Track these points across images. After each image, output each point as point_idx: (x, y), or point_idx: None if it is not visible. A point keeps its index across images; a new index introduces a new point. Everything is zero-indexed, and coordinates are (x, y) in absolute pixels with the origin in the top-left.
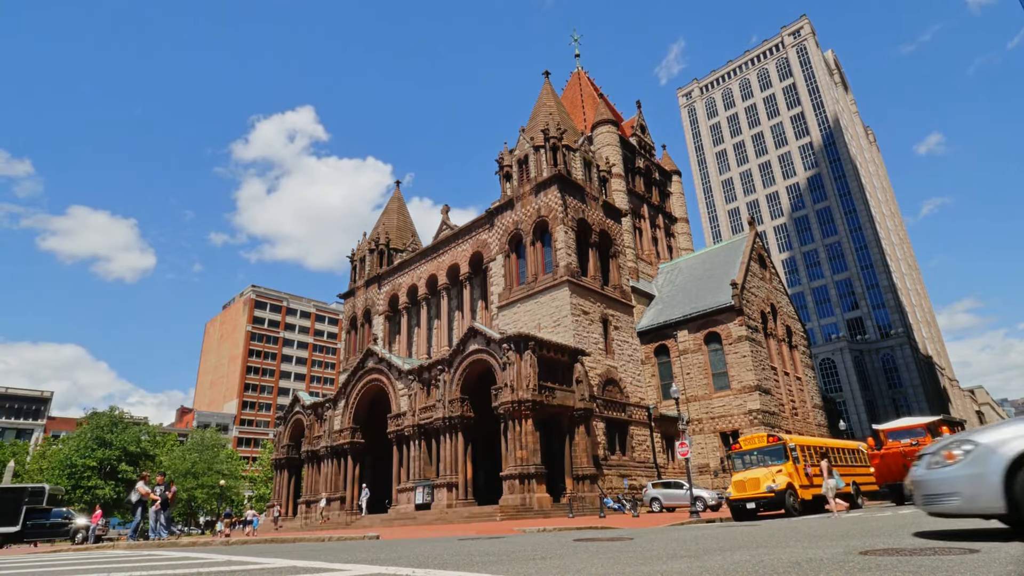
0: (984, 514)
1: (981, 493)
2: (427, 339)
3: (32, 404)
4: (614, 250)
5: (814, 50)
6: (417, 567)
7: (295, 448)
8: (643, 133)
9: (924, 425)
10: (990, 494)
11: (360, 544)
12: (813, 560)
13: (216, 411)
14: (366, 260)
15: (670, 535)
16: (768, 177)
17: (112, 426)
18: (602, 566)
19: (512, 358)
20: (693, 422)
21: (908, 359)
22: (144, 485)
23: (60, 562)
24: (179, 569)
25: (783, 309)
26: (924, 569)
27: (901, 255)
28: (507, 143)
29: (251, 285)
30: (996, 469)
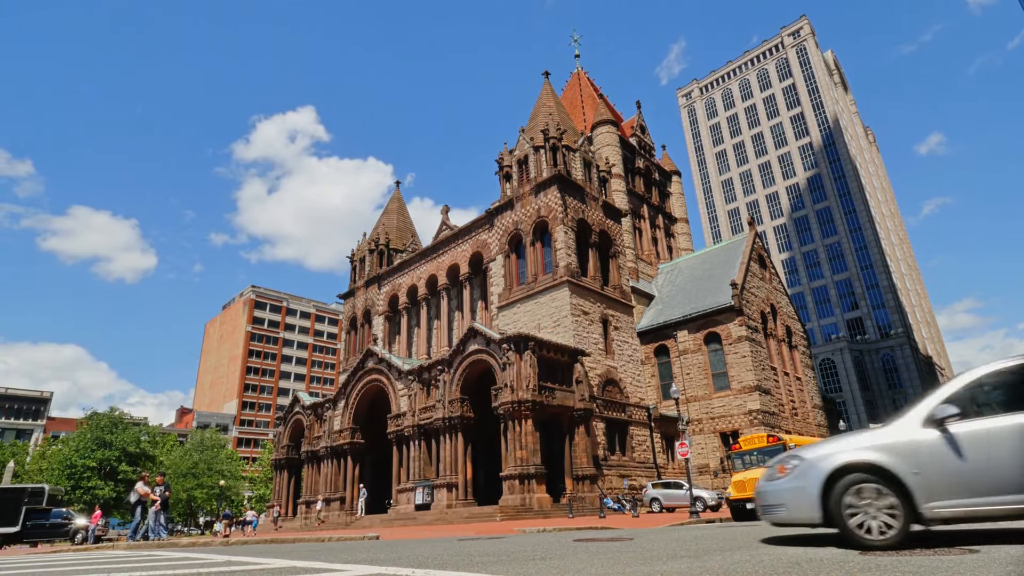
0: (805, 523)
1: (803, 504)
2: (427, 339)
3: (32, 404)
4: (614, 250)
5: (814, 50)
6: (417, 567)
7: (295, 448)
8: (643, 133)
9: None
10: (809, 505)
11: (360, 544)
12: (813, 560)
13: (216, 411)
14: (366, 260)
15: (670, 535)
16: (768, 177)
17: (112, 426)
18: (602, 566)
19: (512, 358)
20: (693, 422)
21: (908, 359)
22: (143, 485)
23: (60, 562)
24: (179, 569)
25: (783, 309)
26: (924, 569)
27: (901, 255)
28: (507, 143)
29: (251, 285)
30: (815, 483)
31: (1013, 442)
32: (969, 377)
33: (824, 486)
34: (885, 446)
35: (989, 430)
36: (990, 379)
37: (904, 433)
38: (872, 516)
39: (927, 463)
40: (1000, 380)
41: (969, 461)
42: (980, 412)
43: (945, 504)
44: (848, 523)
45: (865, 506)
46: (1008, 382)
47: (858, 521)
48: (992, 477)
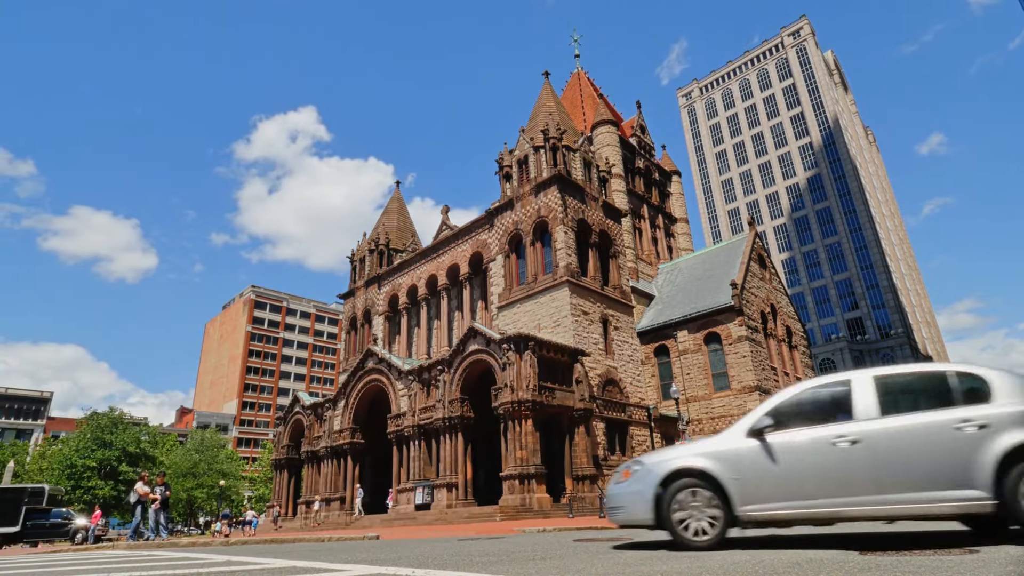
0: (640, 524)
1: (638, 507)
2: (427, 339)
3: (32, 404)
4: (614, 250)
5: (814, 50)
6: (417, 567)
7: (295, 448)
8: (643, 133)
9: None
10: (644, 508)
11: (360, 544)
12: (813, 560)
13: (216, 411)
14: (366, 260)
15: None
16: (768, 177)
17: (112, 426)
18: (602, 566)
19: (512, 358)
20: (693, 422)
21: (908, 359)
22: (143, 485)
23: (60, 562)
24: (179, 569)
25: (783, 309)
26: (924, 569)
27: (901, 255)
28: (507, 143)
29: (251, 285)
30: (649, 487)
31: (812, 452)
32: (788, 393)
33: (657, 490)
34: (714, 453)
35: (794, 441)
36: (806, 396)
37: (731, 442)
38: (696, 518)
39: (746, 470)
40: (811, 396)
41: (780, 469)
42: (793, 425)
43: (758, 508)
44: (674, 525)
45: (691, 509)
46: (816, 398)
47: (684, 523)
48: (798, 483)
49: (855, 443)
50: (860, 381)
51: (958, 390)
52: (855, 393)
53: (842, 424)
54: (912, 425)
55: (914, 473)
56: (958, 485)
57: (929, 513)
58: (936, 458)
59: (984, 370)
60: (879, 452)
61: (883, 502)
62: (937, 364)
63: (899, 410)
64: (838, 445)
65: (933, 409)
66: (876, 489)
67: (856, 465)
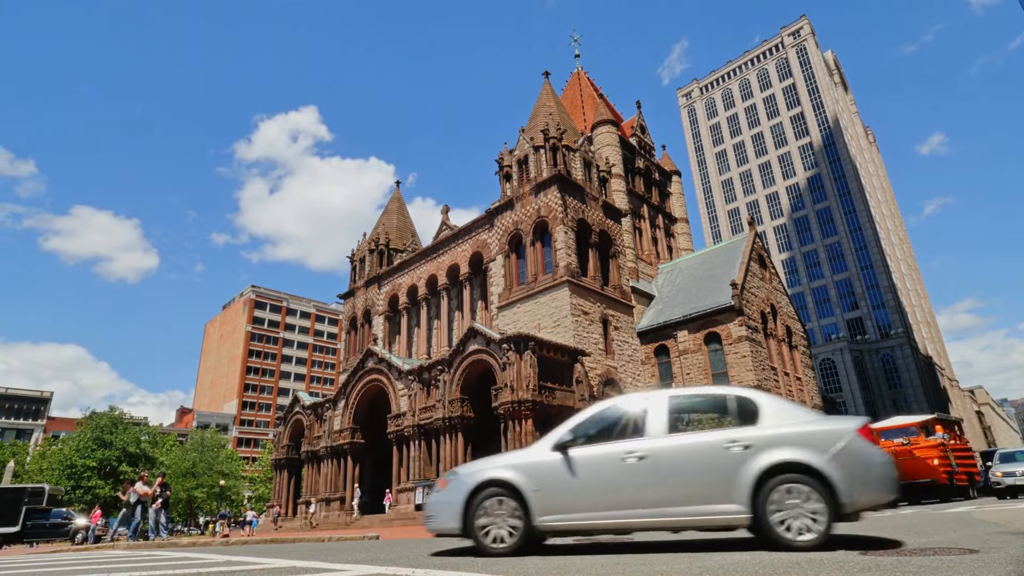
0: (450, 532)
1: (448, 515)
2: (427, 339)
3: (32, 404)
4: (614, 250)
5: (814, 50)
6: (417, 567)
7: (295, 448)
8: (643, 133)
9: (918, 424)
10: (453, 516)
11: (360, 544)
12: (813, 560)
13: (216, 411)
14: (366, 260)
15: (669, 535)
16: (768, 177)
17: (112, 426)
18: (602, 566)
19: (512, 358)
20: None
21: (908, 359)
22: (143, 485)
23: (60, 562)
24: (179, 569)
25: (783, 309)
26: (924, 569)
27: (901, 255)
28: (507, 143)
29: (251, 285)
30: (459, 496)
31: (606, 466)
32: (594, 410)
33: (467, 500)
34: (521, 465)
35: (591, 456)
36: (609, 413)
37: (538, 455)
38: (498, 526)
39: (547, 482)
40: (615, 414)
41: (578, 482)
42: (597, 441)
43: (555, 518)
44: (476, 532)
45: (494, 517)
46: (619, 416)
47: (485, 530)
48: (592, 496)
49: (642, 459)
50: (656, 401)
51: (735, 412)
52: (650, 412)
53: (633, 441)
54: (691, 443)
55: (690, 488)
56: (724, 499)
57: (701, 524)
58: (709, 474)
59: (755, 394)
60: (662, 468)
61: (663, 514)
62: (720, 388)
63: (684, 429)
64: (627, 460)
65: (712, 429)
66: (658, 502)
67: (642, 479)
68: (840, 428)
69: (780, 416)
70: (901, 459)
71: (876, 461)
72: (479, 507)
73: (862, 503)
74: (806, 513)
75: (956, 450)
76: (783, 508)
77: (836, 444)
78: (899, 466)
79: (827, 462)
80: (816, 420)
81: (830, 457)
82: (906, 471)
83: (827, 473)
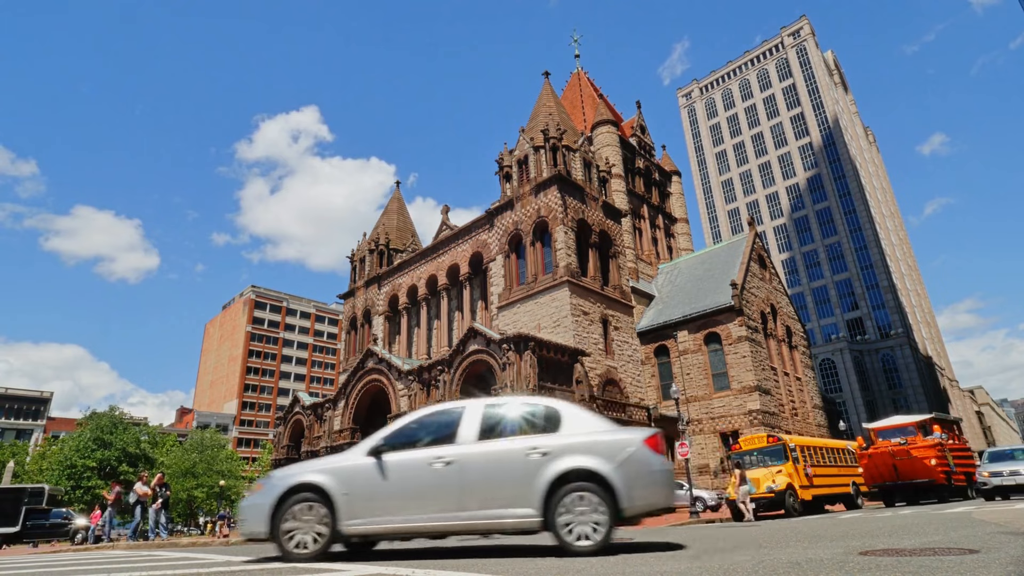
0: (258, 537)
1: (258, 519)
2: (427, 339)
3: (32, 404)
4: (614, 250)
5: (814, 51)
6: (417, 567)
7: (295, 448)
8: (643, 133)
9: (915, 423)
10: (261, 520)
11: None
12: (813, 560)
13: (216, 411)
14: (366, 260)
15: (670, 535)
16: (768, 177)
17: (112, 427)
18: (602, 566)
19: (512, 358)
20: (693, 422)
21: (908, 359)
22: (143, 485)
23: (60, 562)
24: (178, 569)
25: (783, 309)
26: (924, 569)
27: (901, 255)
28: (507, 143)
29: (251, 285)
30: (269, 500)
31: (416, 472)
32: (414, 416)
33: (276, 504)
34: (334, 469)
35: (403, 461)
36: (428, 419)
37: (353, 459)
38: (303, 531)
39: (357, 486)
40: (433, 420)
41: (389, 486)
42: (415, 446)
43: (362, 522)
44: (281, 537)
45: (301, 522)
46: (437, 422)
47: (290, 535)
48: (401, 501)
49: (449, 464)
50: (472, 408)
51: (541, 421)
52: (464, 419)
53: (443, 447)
54: (496, 450)
55: (492, 492)
56: (522, 504)
57: (500, 528)
58: (510, 480)
59: (559, 404)
60: (467, 473)
61: (464, 518)
62: (531, 398)
63: (494, 436)
64: (434, 466)
65: (519, 437)
66: (461, 506)
67: (447, 485)
68: (628, 438)
69: (579, 425)
70: (898, 459)
71: (656, 469)
72: (287, 511)
73: (640, 508)
74: (589, 519)
75: (954, 450)
76: (571, 513)
77: (623, 453)
78: (897, 466)
79: (613, 469)
80: (610, 430)
81: (616, 465)
82: (903, 471)
83: (611, 480)
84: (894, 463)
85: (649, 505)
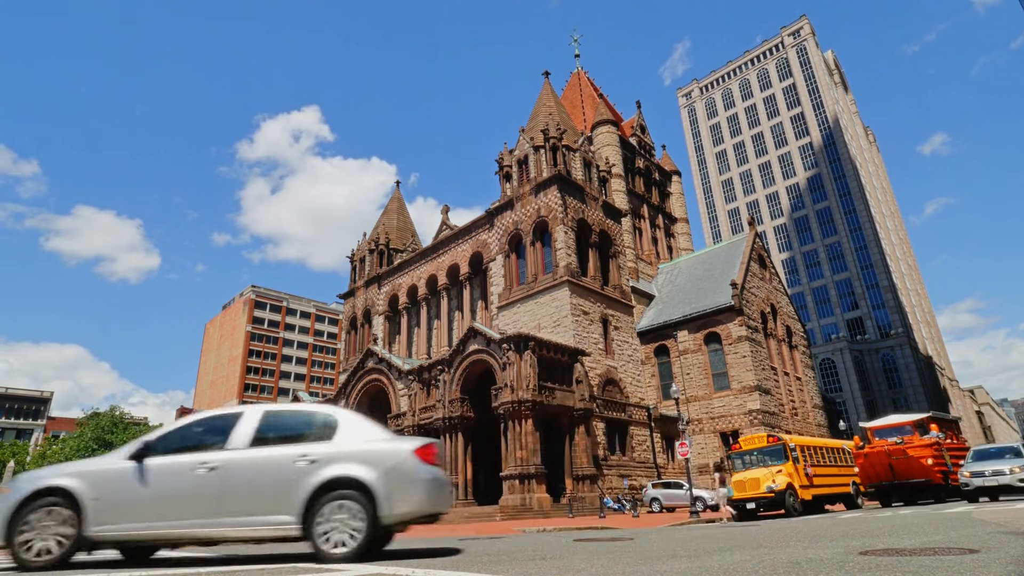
0: None
1: None
2: (427, 339)
3: (32, 404)
4: (614, 250)
5: (814, 50)
6: (417, 567)
7: None
8: (643, 133)
9: (912, 423)
10: None
11: None
12: (813, 560)
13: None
14: (366, 260)
15: (670, 535)
16: (768, 177)
17: (112, 426)
18: (602, 566)
19: (512, 358)
20: (693, 422)
21: (908, 359)
22: None
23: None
24: (178, 569)
25: (783, 309)
26: (924, 569)
27: (901, 255)
28: (507, 143)
29: (251, 285)
30: (10, 505)
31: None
32: (187, 419)
33: (17, 509)
34: (87, 473)
35: (166, 465)
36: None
37: (111, 463)
38: (43, 538)
39: (111, 491)
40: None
41: (147, 491)
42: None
43: (111, 528)
44: (16, 545)
45: (42, 529)
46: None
47: (28, 544)
48: (158, 506)
49: (213, 470)
50: (250, 414)
51: (318, 428)
52: (240, 424)
53: (210, 452)
54: (264, 457)
55: (253, 500)
56: (282, 511)
57: (257, 536)
58: (272, 487)
59: (337, 412)
60: (229, 480)
61: (221, 525)
62: (310, 405)
63: (268, 443)
64: (197, 471)
65: (292, 444)
66: (218, 513)
67: (206, 491)
68: (399, 448)
69: (354, 434)
70: (894, 459)
71: (422, 478)
72: (26, 517)
73: (400, 515)
74: (348, 526)
75: (952, 449)
76: (331, 521)
77: (390, 462)
78: (893, 466)
79: (377, 478)
80: (384, 440)
81: (381, 473)
82: (899, 471)
83: (373, 488)
84: (890, 463)
85: (411, 513)
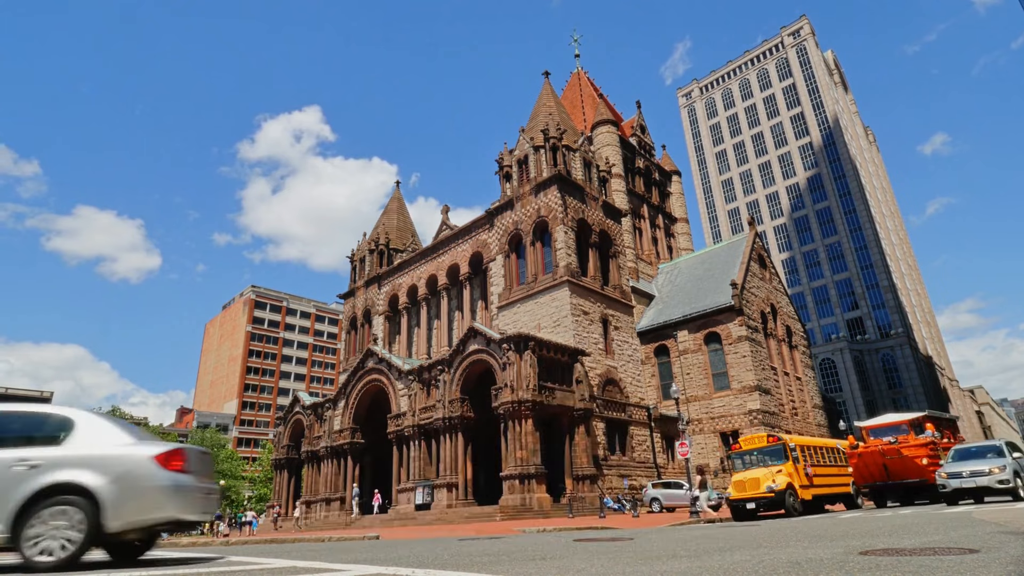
0: None
1: None
2: (427, 339)
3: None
4: (614, 250)
5: (814, 50)
6: (417, 567)
7: (295, 448)
8: (643, 133)
9: (908, 422)
10: None
11: (360, 544)
12: (813, 560)
13: (216, 411)
14: (366, 260)
15: (670, 535)
16: (768, 177)
17: None
18: (602, 566)
19: (512, 358)
20: (693, 422)
21: (908, 359)
22: None
23: None
24: (178, 569)
25: (783, 309)
26: (924, 569)
27: (901, 255)
28: (507, 143)
29: (251, 285)
30: None
31: None
32: None
33: None
34: None
35: None
36: None
37: None
38: None
39: None
40: None
41: None
42: None
43: None
44: None
45: None
46: None
47: None
48: None
49: None
50: None
51: (48, 431)
52: None
53: None
54: None
55: None
56: None
57: None
58: None
59: (76, 413)
60: None
61: None
62: (42, 406)
63: None
64: None
65: (15, 447)
66: None
67: None
68: (135, 453)
69: (91, 438)
70: (888, 459)
71: (158, 485)
72: None
73: (130, 523)
74: (63, 534)
75: (948, 449)
76: (45, 528)
77: (122, 468)
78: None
79: (104, 484)
80: (124, 444)
81: (111, 480)
82: (894, 471)
83: (98, 494)
84: (884, 463)
85: (144, 520)
